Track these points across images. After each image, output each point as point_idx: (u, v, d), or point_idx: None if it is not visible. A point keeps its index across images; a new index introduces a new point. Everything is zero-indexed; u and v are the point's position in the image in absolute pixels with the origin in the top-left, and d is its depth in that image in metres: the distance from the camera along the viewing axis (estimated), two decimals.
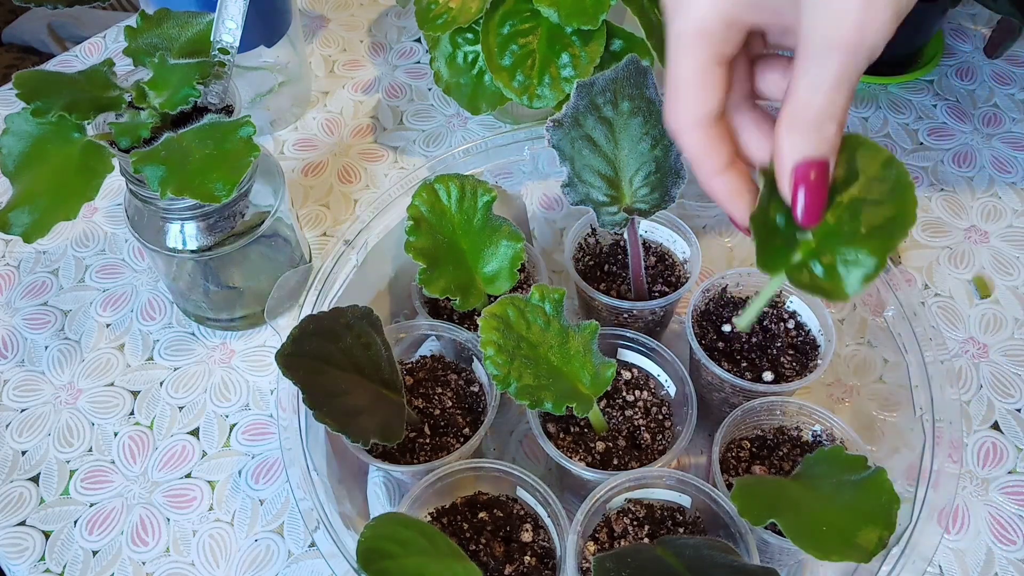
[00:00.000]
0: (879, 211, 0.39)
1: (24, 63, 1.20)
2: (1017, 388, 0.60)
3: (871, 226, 0.39)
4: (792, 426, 0.53)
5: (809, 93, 0.35)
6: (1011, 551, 0.53)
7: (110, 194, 0.73)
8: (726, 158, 0.39)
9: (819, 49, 0.34)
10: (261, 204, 0.58)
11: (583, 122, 0.48)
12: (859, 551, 0.39)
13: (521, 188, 0.64)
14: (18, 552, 0.55)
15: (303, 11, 0.88)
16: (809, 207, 0.38)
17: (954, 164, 0.73)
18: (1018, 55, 0.82)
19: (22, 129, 0.51)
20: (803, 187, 0.37)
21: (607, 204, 0.51)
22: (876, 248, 0.39)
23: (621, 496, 0.49)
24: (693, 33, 0.36)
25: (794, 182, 0.37)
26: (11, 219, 0.50)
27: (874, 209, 0.39)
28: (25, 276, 0.68)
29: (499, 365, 0.45)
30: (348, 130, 0.78)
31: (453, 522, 0.49)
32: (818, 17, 0.33)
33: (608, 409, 0.53)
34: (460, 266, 0.54)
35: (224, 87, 0.55)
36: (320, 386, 0.45)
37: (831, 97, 0.35)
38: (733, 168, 0.39)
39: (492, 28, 0.60)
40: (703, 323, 0.56)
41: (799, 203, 0.37)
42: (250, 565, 0.54)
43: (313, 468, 0.47)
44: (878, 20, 0.33)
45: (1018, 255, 0.67)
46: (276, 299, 0.54)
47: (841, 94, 0.35)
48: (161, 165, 0.48)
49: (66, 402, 0.61)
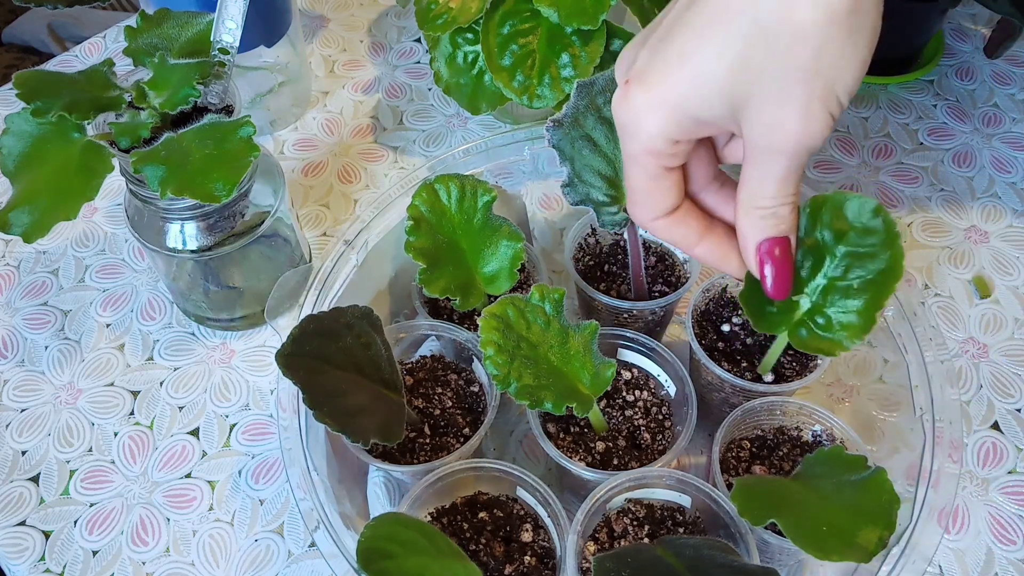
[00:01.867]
0: (870, 265, 0.42)
1: (24, 63, 1.20)
2: (1017, 388, 0.60)
3: (863, 281, 0.42)
4: (792, 426, 0.53)
5: (759, 185, 0.38)
6: (1011, 551, 0.53)
7: (110, 194, 0.73)
8: (697, 231, 0.42)
9: (764, 154, 0.37)
10: (261, 204, 0.58)
11: (583, 122, 0.48)
12: (859, 551, 0.39)
13: (521, 188, 0.64)
14: (18, 552, 0.55)
15: (303, 11, 0.88)
16: (776, 281, 0.41)
17: (954, 164, 0.73)
18: (1018, 55, 0.82)
19: (22, 129, 0.51)
20: (768, 263, 0.40)
21: (607, 204, 0.51)
22: (868, 304, 0.43)
23: (621, 496, 0.49)
24: (643, 151, 0.39)
25: (759, 260, 0.40)
26: (11, 219, 0.50)
27: (864, 263, 0.42)
28: (25, 276, 0.68)
29: (499, 365, 0.45)
30: (348, 130, 0.78)
31: (453, 522, 0.49)
32: (758, 130, 0.36)
33: (608, 409, 0.53)
34: (460, 266, 0.54)
35: (224, 87, 0.55)
36: (320, 386, 0.45)
37: (780, 188, 0.38)
38: (710, 236, 0.42)
39: (492, 28, 0.60)
40: (703, 323, 0.56)
41: (767, 278, 0.41)
42: (250, 565, 0.54)
43: (313, 468, 0.47)
44: (814, 127, 0.35)
45: (1018, 255, 0.67)
46: (276, 299, 0.54)
47: (790, 184, 0.38)
48: (161, 165, 0.48)
49: (66, 402, 0.61)
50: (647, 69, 0.37)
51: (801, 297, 0.44)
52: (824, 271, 0.43)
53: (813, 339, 0.44)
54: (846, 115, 0.77)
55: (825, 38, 0.33)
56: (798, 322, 0.45)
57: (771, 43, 0.34)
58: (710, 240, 0.42)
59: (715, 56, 0.35)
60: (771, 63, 0.34)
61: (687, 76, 0.36)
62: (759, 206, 0.39)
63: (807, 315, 0.45)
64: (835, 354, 0.44)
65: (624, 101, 0.38)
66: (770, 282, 0.41)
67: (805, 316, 0.45)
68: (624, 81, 0.38)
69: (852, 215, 0.42)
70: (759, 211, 0.39)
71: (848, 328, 0.43)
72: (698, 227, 0.42)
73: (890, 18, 0.80)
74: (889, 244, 0.42)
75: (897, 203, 0.71)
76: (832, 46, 0.34)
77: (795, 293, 0.44)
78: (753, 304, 0.45)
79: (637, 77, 0.37)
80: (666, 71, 0.36)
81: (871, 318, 0.42)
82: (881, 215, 0.41)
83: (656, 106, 0.37)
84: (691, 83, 0.36)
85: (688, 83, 0.36)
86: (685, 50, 0.36)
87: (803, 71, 0.34)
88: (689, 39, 0.36)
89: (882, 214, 0.41)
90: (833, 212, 0.42)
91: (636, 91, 0.37)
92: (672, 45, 0.36)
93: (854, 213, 0.42)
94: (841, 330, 0.43)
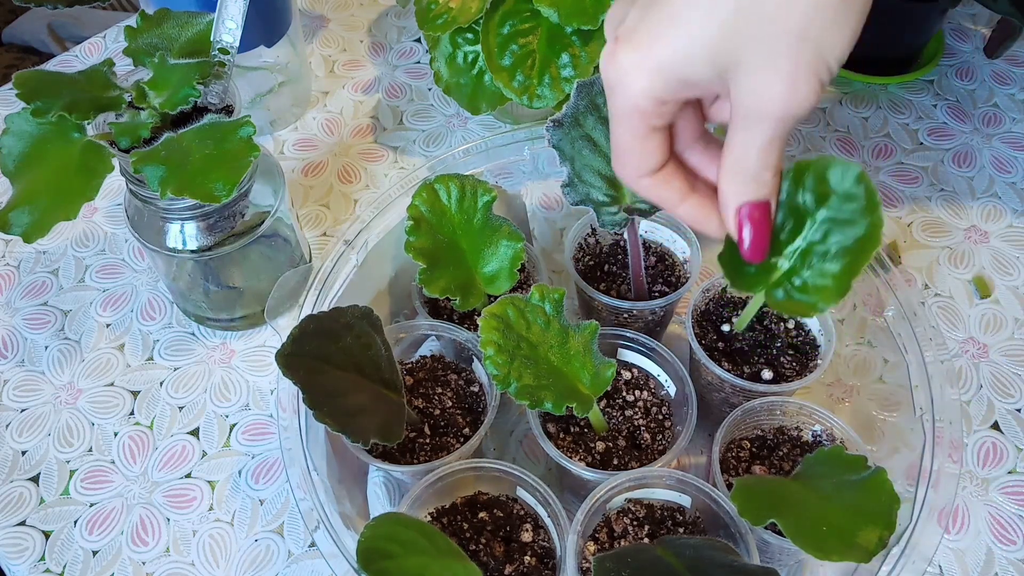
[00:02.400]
0: (849, 231, 0.42)
1: (24, 63, 1.20)
2: (1017, 388, 0.60)
3: (841, 246, 0.42)
4: (792, 426, 0.53)
5: (743, 150, 0.38)
6: (1011, 551, 0.53)
7: (110, 194, 0.73)
8: (680, 192, 0.42)
9: (750, 118, 0.37)
10: (261, 204, 0.58)
11: (583, 122, 0.48)
12: (859, 551, 0.39)
13: (521, 188, 0.64)
14: (18, 552, 0.55)
15: (303, 11, 0.88)
16: (753, 243, 0.41)
17: (954, 164, 0.73)
18: (1018, 55, 0.82)
19: (22, 129, 0.51)
20: (747, 226, 0.41)
21: (607, 204, 0.51)
22: (845, 269, 0.42)
23: (621, 496, 0.49)
24: (629, 110, 0.38)
25: (738, 223, 0.41)
26: (11, 219, 0.50)
27: (844, 229, 0.42)
28: (25, 276, 0.68)
29: (499, 365, 0.45)
30: (348, 130, 0.78)
31: (453, 522, 0.49)
32: (745, 94, 0.36)
33: (608, 409, 0.53)
34: (460, 266, 0.54)
35: (224, 87, 0.55)
36: (320, 386, 0.45)
37: (764, 154, 0.39)
38: (692, 196, 0.42)
39: (492, 28, 0.60)
40: (703, 323, 0.56)
41: (744, 241, 0.41)
42: (250, 565, 0.54)
43: (313, 468, 0.47)
44: (802, 94, 0.35)
45: (1018, 255, 0.67)
46: (276, 299, 0.54)
47: (773, 151, 0.39)
48: (161, 165, 0.48)
49: (66, 402, 0.61)
50: (636, 28, 0.37)
51: (779, 259, 0.44)
52: (804, 235, 0.43)
53: (788, 301, 0.44)
54: (846, 115, 0.77)
55: (817, 4, 0.33)
56: (775, 283, 0.44)
57: (762, 7, 0.34)
58: (693, 200, 0.42)
59: (705, 18, 0.35)
60: (761, 28, 0.34)
61: (676, 37, 0.36)
62: (742, 169, 0.39)
63: (784, 276, 0.44)
64: (809, 315, 0.44)
65: (612, 59, 0.38)
66: (747, 244, 0.41)
67: (783, 277, 0.44)
68: (614, 39, 0.38)
69: (835, 181, 0.42)
70: (742, 175, 0.39)
71: (823, 291, 0.43)
72: (682, 187, 0.42)
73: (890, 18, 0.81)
74: (869, 211, 0.41)
75: (897, 203, 0.71)
76: (824, 13, 0.34)
77: (773, 255, 0.44)
78: (731, 265, 0.45)
79: (626, 36, 0.37)
80: (656, 31, 0.36)
81: (847, 284, 0.42)
82: (864, 182, 0.41)
83: (644, 66, 0.37)
84: (680, 44, 0.36)
85: (677, 44, 0.36)
86: (675, 11, 0.36)
87: (793, 36, 0.34)
88: (682, 4, 0.35)
89: (864, 181, 0.41)
90: (816, 177, 0.42)
91: (624, 50, 0.37)
92: (665, 7, 0.36)
93: (837, 179, 0.42)
94: (815, 293, 0.43)
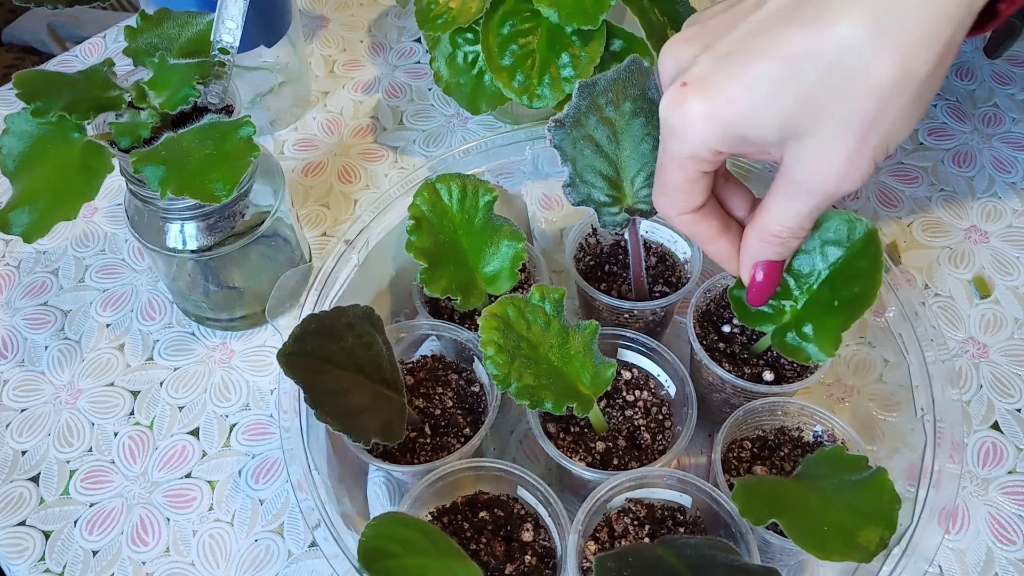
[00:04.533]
0: (851, 285, 0.45)
1: (24, 63, 1.20)
2: (1017, 388, 0.60)
3: (843, 300, 0.46)
4: (793, 426, 0.53)
5: (782, 215, 0.41)
6: (1011, 551, 0.53)
7: (110, 194, 0.73)
8: (715, 231, 0.44)
9: (799, 189, 0.39)
10: (261, 204, 0.58)
11: (585, 122, 0.48)
12: (860, 551, 0.39)
13: (522, 188, 0.64)
14: (18, 552, 0.55)
15: (303, 11, 0.88)
16: (758, 295, 0.45)
17: (954, 164, 0.73)
18: (1018, 55, 0.82)
19: (22, 129, 0.51)
20: (759, 278, 0.45)
21: (608, 204, 0.51)
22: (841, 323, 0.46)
23: (622, 496, 0.49)
24: (686, 155, 0.40)
25: (752, 274, 0.45)
26: (11, 219, 0.50)
27: (848, 283, 0.45)
28: (25, 276, 0.68)
29: (499, 365, 0.45)
30: (348, 130, 0.78)
31: (454, 522, 0.49)
32: (801, 163, 0.37)
33: (608, 409, 0.53)
34: (461, 266, 0.54)
35: (224, 87, 0.55)
36: (321, 385, 0.45)
37: (801, 223, 0.41)
38: (724, 237, 0.44)
39: (492, 28, 0.60)
40: (704, 323, 0.56)
41: (752, 290, 0.45)
42: (250, 565, 0.54)
43: (314, 467, 0.47)
44: (855, 174, 0.37)
45: (1018, 255, 0.67)
46: (277, 299, 0.54)
47: (810, 221, 0.41)
48: (161, 165, 0.48)
49: (66, 402, 0.61)
50: (709, 79, 0.37)
51: (788, 303, 0.48)
52: (812, 283, 0.47)
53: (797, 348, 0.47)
54: None
55: (896, 95, 0.34)
56: (784, 326, 0.48)
57: (843, 89, 0.34)
58: (723, 242, 0.44)
59: (783, 85, 0.35)
60: (840, 106, 0.35)
61: (749, 99, 0.36)
62: (774, 233, 0.42)
63: (793, 322, 0.48)
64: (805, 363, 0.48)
65: (678, 105, 0.38)
66: (754, 294, 0.45)
67: (791, 323, 0.48)
68: (680, 83, 0.38)
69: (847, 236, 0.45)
70: (773, 239, 0.42)
71: (823, 342, 0.46)
72: (717, 226, 0.44)
73: None
74: (874, 270, 0.45)
75: (897, 203, 0.71)
76: (899, 103, 0.35)
77: (783, 298, 0.48)
78: (741, 301, 0.48)
79: (697, 84, 0.37)
80: (729, 88, 0.36)
81: (838, 338, 0.46)
82: (874, 243, 0.45)
83: (711, 118, 0.37)
84: (752, 106, 0.36)
85: (749, 105, 0.36)
86: (753, 70, 0.36)
87: (867, 121, 0.35)
88: (763, 67, 0.36)
89: (875, 241, 0.45)
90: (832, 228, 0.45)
91: (694, 99, 0.37)
92: (743, 65, 0.36)
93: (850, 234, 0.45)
94: (813, 343, 0.47)
